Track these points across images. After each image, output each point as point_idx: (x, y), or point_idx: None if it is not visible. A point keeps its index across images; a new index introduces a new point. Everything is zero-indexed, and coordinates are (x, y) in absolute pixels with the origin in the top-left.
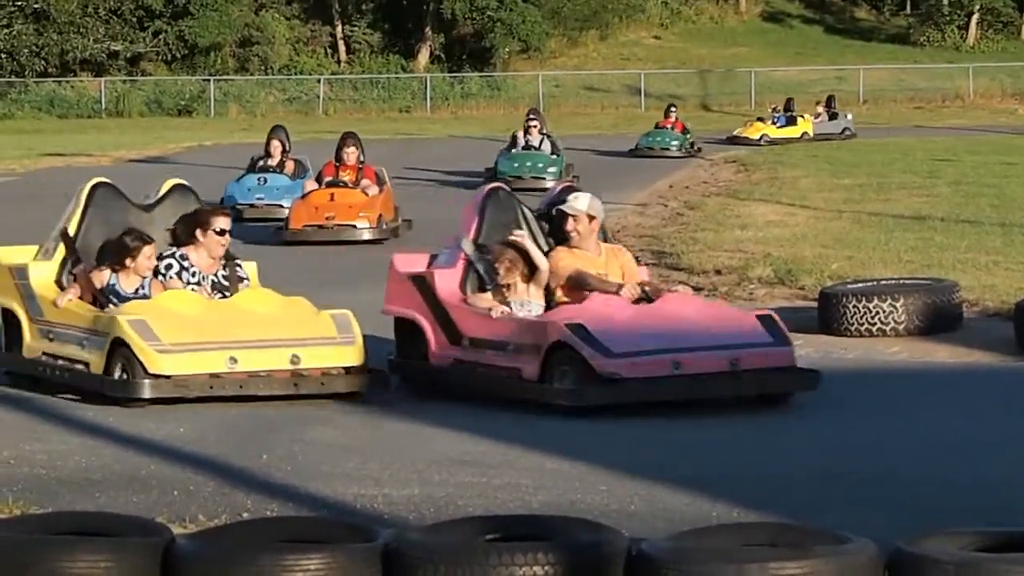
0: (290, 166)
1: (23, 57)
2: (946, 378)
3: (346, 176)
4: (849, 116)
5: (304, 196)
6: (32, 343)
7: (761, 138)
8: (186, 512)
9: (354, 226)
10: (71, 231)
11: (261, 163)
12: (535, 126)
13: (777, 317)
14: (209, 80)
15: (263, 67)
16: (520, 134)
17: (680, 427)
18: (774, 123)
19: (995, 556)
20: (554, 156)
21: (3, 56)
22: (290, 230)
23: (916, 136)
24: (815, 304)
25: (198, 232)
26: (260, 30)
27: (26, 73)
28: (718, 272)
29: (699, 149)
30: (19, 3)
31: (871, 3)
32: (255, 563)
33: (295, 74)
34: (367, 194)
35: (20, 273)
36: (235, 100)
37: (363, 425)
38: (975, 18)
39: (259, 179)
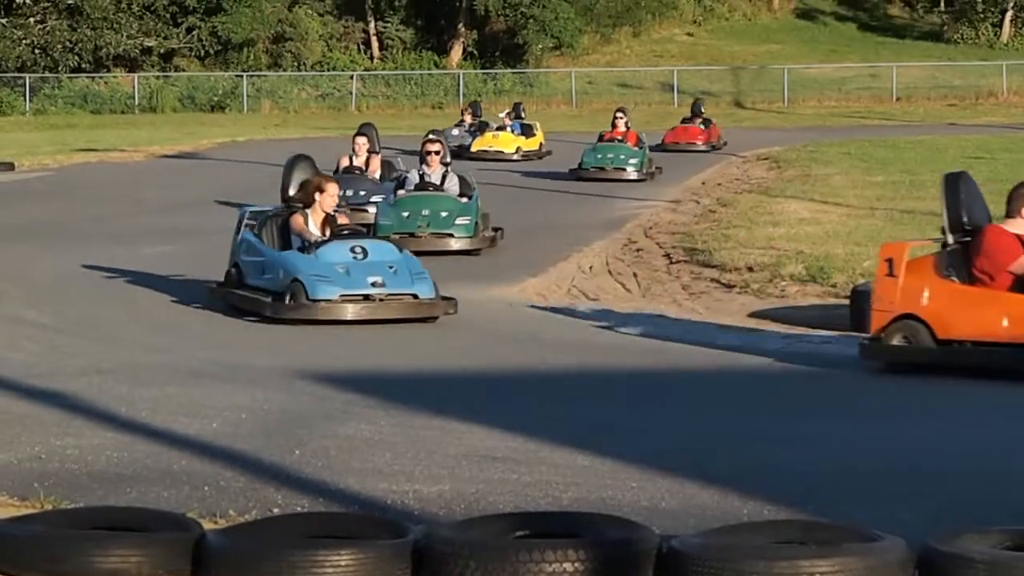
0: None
1: (57, 52)
2: (979, 376)
3: None
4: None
5: None
6: None
7: (517, 151)
8: (217, 507)
9: None
10: None
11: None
12: (436, 152)
13: None
14: (242, 76)
15: (296, 63)
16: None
17: (712, 422)
18: (511, 131)
19: None
20: (464, 200)
21: (37, 51)
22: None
23: (950, 134)
24: (847, 302)
25: None
26: (293, 26)
27: (60, 68)
28: (750, 269)
29: (660, 169)
30: None
31: (905, 0)
32: (285, 558)
33: (328, 70)
34: None
35: None
36: (268, 96)
37: (394, 421)
38: (1009, 15)
39: (352, 250)
